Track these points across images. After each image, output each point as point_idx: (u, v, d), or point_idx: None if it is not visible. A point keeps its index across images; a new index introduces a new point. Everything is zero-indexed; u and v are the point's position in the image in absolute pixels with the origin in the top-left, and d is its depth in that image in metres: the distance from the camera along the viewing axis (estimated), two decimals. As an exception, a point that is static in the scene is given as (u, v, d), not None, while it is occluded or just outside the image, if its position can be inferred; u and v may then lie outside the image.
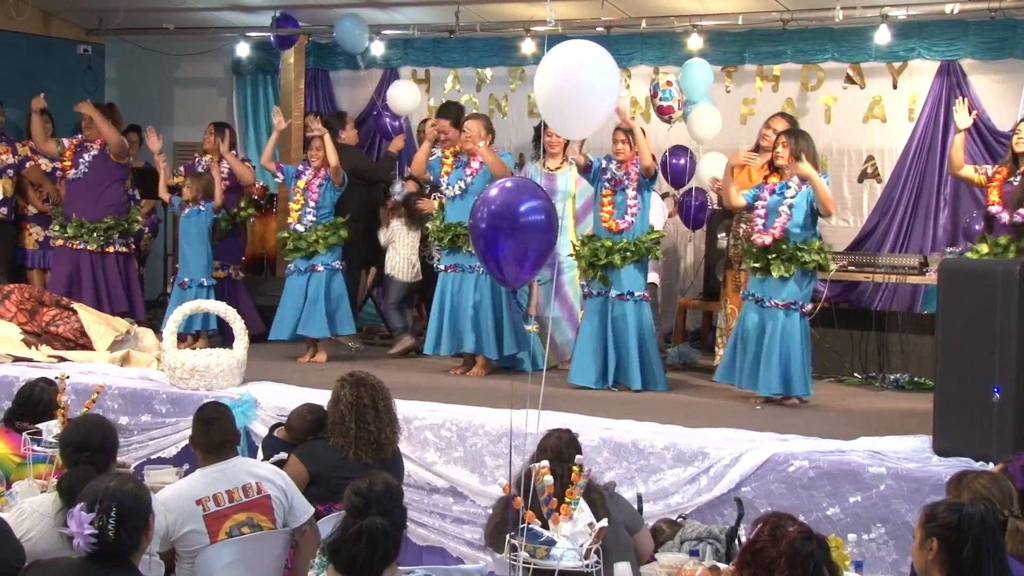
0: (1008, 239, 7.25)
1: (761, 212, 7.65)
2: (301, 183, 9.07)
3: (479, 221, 4.92)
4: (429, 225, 8.99)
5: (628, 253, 7.99)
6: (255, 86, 12.51)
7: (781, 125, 8.43)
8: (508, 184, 5.15)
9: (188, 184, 9.33)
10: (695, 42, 9.76)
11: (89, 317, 8.92)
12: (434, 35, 11.20)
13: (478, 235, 4.95)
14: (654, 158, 8.20)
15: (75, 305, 9.06)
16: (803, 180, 7.49)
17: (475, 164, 8.48)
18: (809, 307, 7.58)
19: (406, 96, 10.72)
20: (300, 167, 9.24)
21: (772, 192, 7.64)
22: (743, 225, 8.39)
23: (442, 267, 8.62)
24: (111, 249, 9.89)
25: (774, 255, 7.50)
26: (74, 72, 12.30)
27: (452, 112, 9.10)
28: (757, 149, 8.65)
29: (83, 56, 12.47)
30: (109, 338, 8.81)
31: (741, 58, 10.30)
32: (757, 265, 7.57)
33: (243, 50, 12.06)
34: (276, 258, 11.04)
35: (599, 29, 10.19)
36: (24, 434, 5.71)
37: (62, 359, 8.39)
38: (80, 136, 10.04)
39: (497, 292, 8.37)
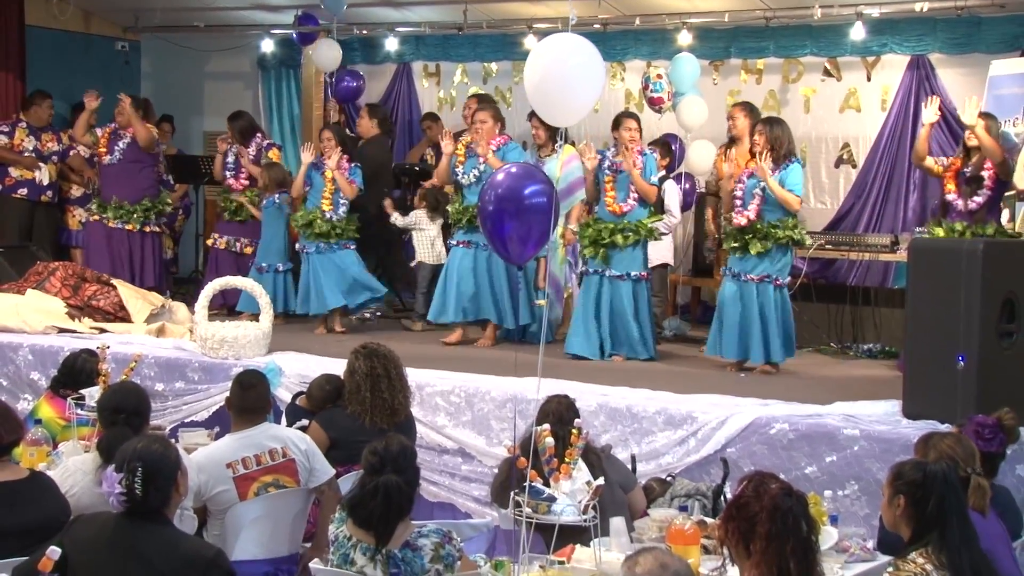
0: (964, 225, 7.23)
1: (739, 194, 7.64)
2: (328, 173, 8.94)
3: (487, 204, 4.91)
4: (450, 208, 8.90)
5: (630, 234, 7.97)
6: (279, 80, 12.45)
7: (741, 114, 8.42)
8: (514, 170, 5.14)
9: (262, 175, 9.29)
10: (684, 38, 9.72)
11: (128, 292, 8.92)
12: (444, 32, 11.15)
13: (485, 216, 4.93)
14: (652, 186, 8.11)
15: (114, 281, 9.04)
16: (777, 166, 7.46)
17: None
18: (788, 280, 7.56)
19: (328, 55, 10.59)
20: (315, 160, 9.13)
21: (750, 176, 7.61)
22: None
23: (454, 242, 8.54)
24: (148, 229, 9.89)
25: (750, 235, 7.49)
26: (112, 67, 12.26)
27: (492, 105, 8.97)
28: (731, 142, 8.62)
29: (121, 52, 12.44)
30: (146, 311, 8.80)
31: (727, 53, 10.26)
32: (736, 244, 7.55)
33: (268, 46, 12.02)
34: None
35: (596, 26, 10.13)
36: (68, 399, 5.74)
37: (103, 331, 8.38)
38: (114, 124, 10.00)
39: (511, 268, 8.20)
